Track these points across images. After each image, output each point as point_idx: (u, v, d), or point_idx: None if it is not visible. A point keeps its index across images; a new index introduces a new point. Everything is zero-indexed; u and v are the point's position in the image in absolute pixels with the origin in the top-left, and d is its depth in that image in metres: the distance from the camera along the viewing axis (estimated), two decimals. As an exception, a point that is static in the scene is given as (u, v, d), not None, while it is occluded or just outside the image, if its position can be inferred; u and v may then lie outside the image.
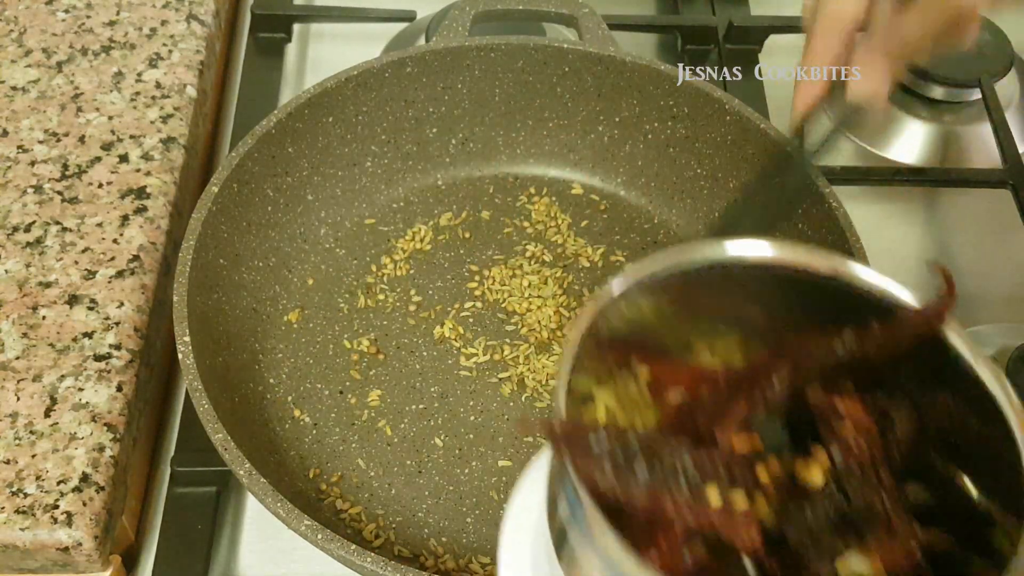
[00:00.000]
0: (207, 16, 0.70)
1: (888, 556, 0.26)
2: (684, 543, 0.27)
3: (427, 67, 0.64)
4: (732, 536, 0.26)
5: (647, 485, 0.27)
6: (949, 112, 0.74)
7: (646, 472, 0.27)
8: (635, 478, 0.27)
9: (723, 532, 0.26)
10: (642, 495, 0.27)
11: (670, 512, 0.27)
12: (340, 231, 0.64)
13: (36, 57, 0.66)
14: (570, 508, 0.28)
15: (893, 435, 0.29)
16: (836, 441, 0.28)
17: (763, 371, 0.29)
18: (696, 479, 0.27)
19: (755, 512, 0.27)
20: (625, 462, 0.27)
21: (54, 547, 0.47)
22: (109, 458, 0.49)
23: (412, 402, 0.57)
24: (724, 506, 0.27)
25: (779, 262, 0.30)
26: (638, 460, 0.27)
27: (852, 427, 0.28)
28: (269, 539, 0.53)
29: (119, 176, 0.60)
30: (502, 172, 0.68)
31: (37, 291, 0.55)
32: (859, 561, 0.26)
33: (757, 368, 0.30)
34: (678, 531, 0.27)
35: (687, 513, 0.27)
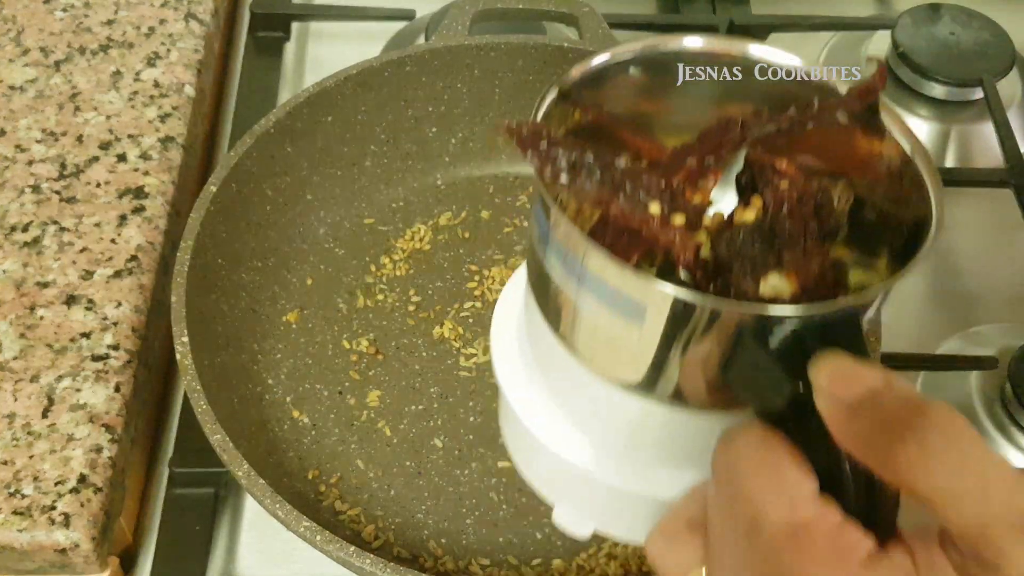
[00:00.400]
0: (205, 15, 0.70)
1: (804, 275, 0.30)
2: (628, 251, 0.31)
3: (427, 66, 0.63)
4: (667, 243, 0.30)
5: (597, 187, 0.31)
6: (951, 111, 0.73)
7: (599, 178, 0.31)
8: (588, 181, 0.31)
9: (660, 238, 0.30)
10: (592, 195, 0.31)
11: (615, 213, 0.31)
12: (339, 231, 0.64)
13: (34, 56, 0.66)
14: (537, 221, 0.32)
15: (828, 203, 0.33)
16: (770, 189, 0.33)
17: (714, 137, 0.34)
18: (643, 195, 0.31)
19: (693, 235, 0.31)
20: (581, 169, 0.31)
21: (52, 548, 0.47)
22: (107, 459, 0.49)
23: (411, 403, 0.57)
24: (663, 216, 0.31)
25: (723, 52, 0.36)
26: (593, 169, 0.31)
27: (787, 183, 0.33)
28: (268, 540, 0.53)
29: (117, 176, 0.60)
30: (502, 171, 0.68)
31: (35, 291, 0.54)
32: (778, 280, 0.30)
33: (708, 135, 0.34)
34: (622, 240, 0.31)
35: (630, 213, 0.31)
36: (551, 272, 0.32)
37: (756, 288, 0.30)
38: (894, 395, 0.25)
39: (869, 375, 0.26)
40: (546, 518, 0.53)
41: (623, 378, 0.32)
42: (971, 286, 0.66)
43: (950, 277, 0.66)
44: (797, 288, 0.30)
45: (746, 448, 0.28)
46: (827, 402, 0.26)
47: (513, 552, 0.51)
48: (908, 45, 0.74)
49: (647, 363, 0.31)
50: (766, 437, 0.28)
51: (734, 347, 0.29)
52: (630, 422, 0.34)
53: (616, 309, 0.30)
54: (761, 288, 0.30)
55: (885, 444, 0.24)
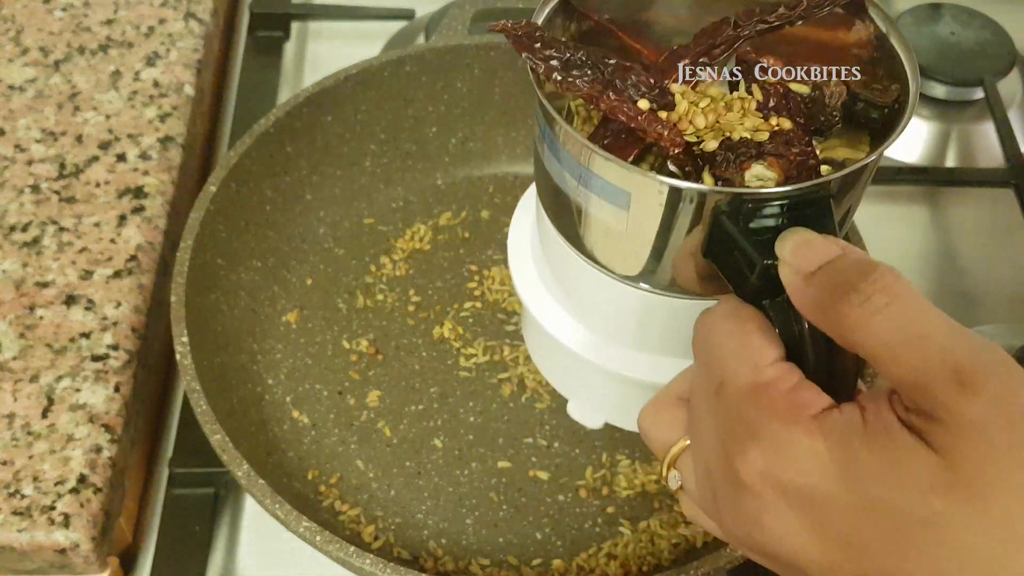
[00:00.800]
0: (205, 14, 0.70)
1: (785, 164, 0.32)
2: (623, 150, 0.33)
3: (426, 66, 0.63)
4: (655, 136, 0.32)
5: (589, 83, 0.32)
6: (952, 111, 0.73)
7: (590, 75, 0.33)
8: (580, 78, 0.33)
9: (649, 129, 0.32)
10: (584, 90, 0.32)
11: (606, 107, 0.32)
12: (339, 231, 0.64)
13: (33, 56, 0.66)
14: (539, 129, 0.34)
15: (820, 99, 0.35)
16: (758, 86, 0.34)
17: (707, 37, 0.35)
18: (633, 92, 0.33)
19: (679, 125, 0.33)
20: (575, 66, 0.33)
21: (51, 549, 0.47)
22: (107, 459, 0.49)
23: (411, 403, 0.57)
24: (652, 110, 0.33)
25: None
26: (585, 67, 0.33)
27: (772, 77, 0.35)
28: (267, 541, 0.53)
29: (116, 175, 0.60)
30: (502, 171, 0.68)
31: (34, 291, 0.54)
32: (762, 168, 0.32)
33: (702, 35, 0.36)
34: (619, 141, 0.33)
35: (620, 109, 0.32)
36: (551, 171, 0.34)
37: (741, 177, 0.31)
38: (847, 261, 0.27)
39: (827, 245, 0.28)
40: (546, 518, 0.52)
41: (623, 271, 0.35)
42: (971, 286, 0.66)
43: (950, 277, 0.66)
44: (780, 176, 0.31)
45: (719, 320, 0.30)
46: (788, 272, 0.28)
47: (513, 552, 0.51)
48: (909, 45, 0.74)
49: (640, 252, 0.34)
50: (737, 309, 0.30)
51: (712, 230, 0.31)
52: (632, 313, 0.37)
53: (608, 200, 0.32)
54: (746, 177, 0.31)
55: (833, 303, 0.26)
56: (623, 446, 0.55)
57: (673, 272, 0.34)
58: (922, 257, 0.67)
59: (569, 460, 0.55)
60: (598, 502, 0.53)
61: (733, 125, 0.33)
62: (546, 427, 0.56)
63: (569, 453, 0.55)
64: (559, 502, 0.53)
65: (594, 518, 0.52)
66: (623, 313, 0.38)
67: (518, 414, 0.56)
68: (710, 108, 0.33)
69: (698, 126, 0.33)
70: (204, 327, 0.52)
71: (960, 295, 0.65)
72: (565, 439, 0.55)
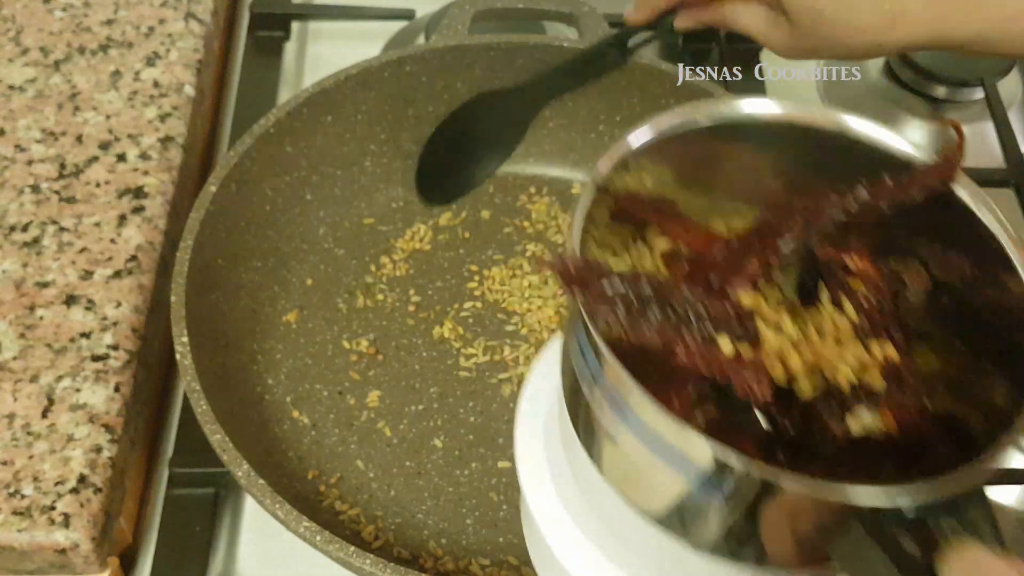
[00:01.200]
0: (205, 15, 0.70)
1: (898, 410, 0.26)
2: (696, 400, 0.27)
3: (426, 66, 0.63)
4: (743, 386, 0.26)
5: (659, 329, 0.26)
6: (951, 111, 0.73)
7: (658, 316, 0.26)
8: (647, 321, 0.26)
9: (735, 381, 0.26)
10: (654, 338, 0.26)
11: (682, 358, 0.26)
12: (339, 231, 0.64)
13: (33, 56, 0.66)
14: (586, 363, 0.27)
15: (904, 297, 0.29)
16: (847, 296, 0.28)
17: (774, 229, 0.29)
18: (708, 328, 0.27)
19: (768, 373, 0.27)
20: (638, 305, 0.26)
21: (51, 549, 0.47)
22: (107, 459, 0.49)
23: (411, 403, 0.57)
24: (736, 354, 0.26)
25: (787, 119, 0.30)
26: (651, 304, 0.27)
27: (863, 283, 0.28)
28: (268, 541, 0.53)
29: (117, 175, 0.60)
30: (502, 172, 0.68)
31: (34, 291, 0.54)
32: (870, 415, 0.26)
33: (768, 226, 0.29)
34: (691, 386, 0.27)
35: (700, 358, 0.26)
36: (591, 402, 0.28)
37: (843, 426, 0.26)
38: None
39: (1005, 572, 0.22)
40: (546, 518, 0.52)
41: (661, 518, 0.28)
42: (971, 286, 0.66)
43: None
44: (893, 425, 0.26)
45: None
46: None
47: (513, 552, 0.51)
48: (908, 45, 0.74)
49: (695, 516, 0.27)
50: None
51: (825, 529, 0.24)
52: (665, 562, 0.30)
53: (661, 457, 0.26)
54: (850, 425, 0.26)
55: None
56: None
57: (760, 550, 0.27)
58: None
59: (569, 460, 0.55)
60: (598, 502, 0.53)
61: (833, 362, 0.27)
62: (546, 427, 0.56)
63: (569, 453, 0.55)
64: (559, 502, 0.53)
65: (594, 518, 0.52)
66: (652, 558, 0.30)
67: (518, 414, 0.56)
68: (801, 339, 0.28)
69: (793, 368, 0.27)
70: (204, 327, 0.52)
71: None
72: (565, 439, 0.55)
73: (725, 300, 0.28)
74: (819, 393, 0.26)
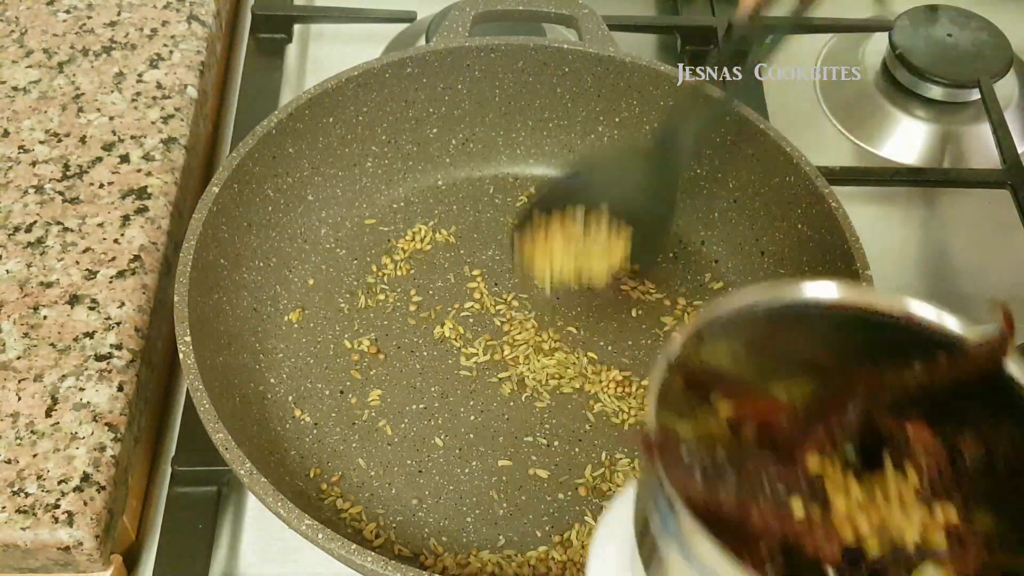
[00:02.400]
0: (208, 17, 0.71)
1: (960, 567, 0.28)
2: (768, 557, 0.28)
3: (427, 68, 0.64)
4: (816, 547, 0.28)
5: (735, 493, 0.28)
6: (948, 112, 0.74)
7: (734, 481, 0.29)
8: (724, 486, 0.28)
9: (807, 542, 0.28)
10: (731, 503, 0.28)
11: (756, 520, 0.28)
12: (340, 231, 0.64)
13: (37, 58, 0.66)
14: (662, 520, 0.29)
15: (962, 463, 0.30)
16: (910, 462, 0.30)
17: (838, 400, 0.31)
18: (780, 491, 0.29)
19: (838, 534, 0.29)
20: (714, 472, 0.29)
21: (55, 547, 0.47)
22: (110, 458, 0.49)
23: (412, 402, 0.57)
24: (808, 516, 0.28)
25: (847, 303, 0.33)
26: (726, 470, 0.29)
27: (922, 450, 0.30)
28: (270, 539, 0.53)
29: (120, 176, 0.60)
30: (502, 172, 0.68)
31: (38, 291, 0.55)
32: (934, 571, 0.28)
33: (832, 398, 0.31)
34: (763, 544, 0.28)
35: (774, 521, 0.28)
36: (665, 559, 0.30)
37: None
38: None
39: None
40: (546, 516, 0.53)
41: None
42: (968, 287, 0.66)
43: (947, 278, 0.67)
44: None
45: None
46: None
47: (513, 549, 0.52)
48: (905, 46, 0.74)
49: None
50: None
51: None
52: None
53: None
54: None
55: None
56: (623, 445, 0.55)
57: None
58: (919, 258, 0.68)
59: (569, 459, 0.55)
60: (598, 500, 0.53)
61: (899, 524, 0.29)
62: (546, 426, 0.56)
63: (569, 452, 0.55)
64: (559, 500, 0.53)
65: (594, 516, 0.53)
66: None
67: (518, 413, 0.57)
68: (866, 501, 0.29)
69: (861, 531, 0.28)
70: (207, 327, 0.53)
71: (956, 296, 0.65)
72: (565, 438, 0.56)
73: (794, 465, 0.30)
74: (886, 553, 0.28)
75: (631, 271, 0.61)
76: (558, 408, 0.57)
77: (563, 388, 0.58)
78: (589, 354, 0.59)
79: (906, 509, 0.29)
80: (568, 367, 0.58)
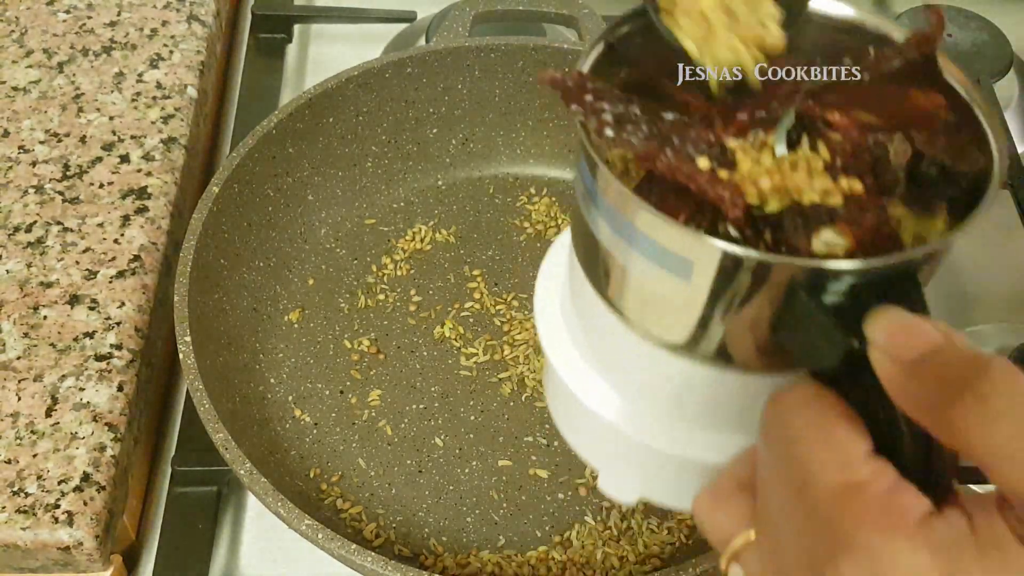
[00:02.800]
0: (208, 17, 0.71)
1: (856, 227, 0.28)
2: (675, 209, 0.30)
3: (427, 68, 0.64)
4: (715, 198, 0.29)
5: (644, 140, 0.29)
6: (948, 112, 0.74)
7: (646, 131, 0.30)
8: (635, 134, 0.30)
9: (708, 193, 0.29)
10: (640, 148, 0.29)
11: (662, 168, 0.29)
12: (340, 231, 0.64)
13: (37, 58, 0.66)
14: (583, 181, 0.31)
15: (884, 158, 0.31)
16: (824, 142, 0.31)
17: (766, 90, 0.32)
18: (691, 149, 0.30)
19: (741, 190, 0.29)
20: (629, 120, 0.30)
21: (55, 546, 0.47)
22: (110, 458, 0.49)
23: (412, 402, 0.57)
24: (712, 170, 0.29)
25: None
26: (639, 120, 0.30)
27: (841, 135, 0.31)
28: (270, 539, 0.53)
29: (120, 176, 0.60)
30: (502, 172, 0.68)
31: (38, 291, 0.55)
32: (832, 234, 0.28)
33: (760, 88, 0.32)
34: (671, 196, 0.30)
35: (678, 169, 0.29)
36: (596, 231, 0.31)
37: (808, 244, 0.28)
38: (955, 353, 0.24)
39: (929, 330, 0.25)
40: (546, 516, 0.53)
41: (669, 339, 0.32)
42: (969, 286, 0.66)
43: (947, 277, 0.67)
44: (852, 243, 0.28)
45: (796, 407, 0.27)
46: (884, 359, 0.25)
47: (513, 549, 0.52)
48: (906, 46, 0.74)
49: (694, 322, 0.30)
50: (817, 395, 0.27)
51: (786, 305, 0.28)
52: (676, 384, 0.33)
53: (663, 267, 0.29)
54: (814, 243, 0.28)
55: (944, 403, 0.23)
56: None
57: (729, 346, 0.31)
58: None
59: (569, 458, 0.55)
60: (598, 500, 0.53)
61: (800, 187, 0.30)
62: (546, 426, 0.56)
63: (569, 452, 0.55)
64: (559, 500, 0.53)
65: (594, 516, 0.53)
66: (662, 383, 0.34)
67: (518, 413, 0.57)
68: (774, 168, 0.30)
69: (763, 188, 0.29)
70: (207, 326, 0.53)
71: (957, 295, 0.65)
72: (565, 438, 0.56)
73: (709, 131, 0.31)
74: (786, 211, 0.29)
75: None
76: (558, 408, 0.57)
77: (563, 388, 0.58)
78: (589, 354, 0.59)
79: (812, 178, 0.30)
80: (568, 367, 0.58)
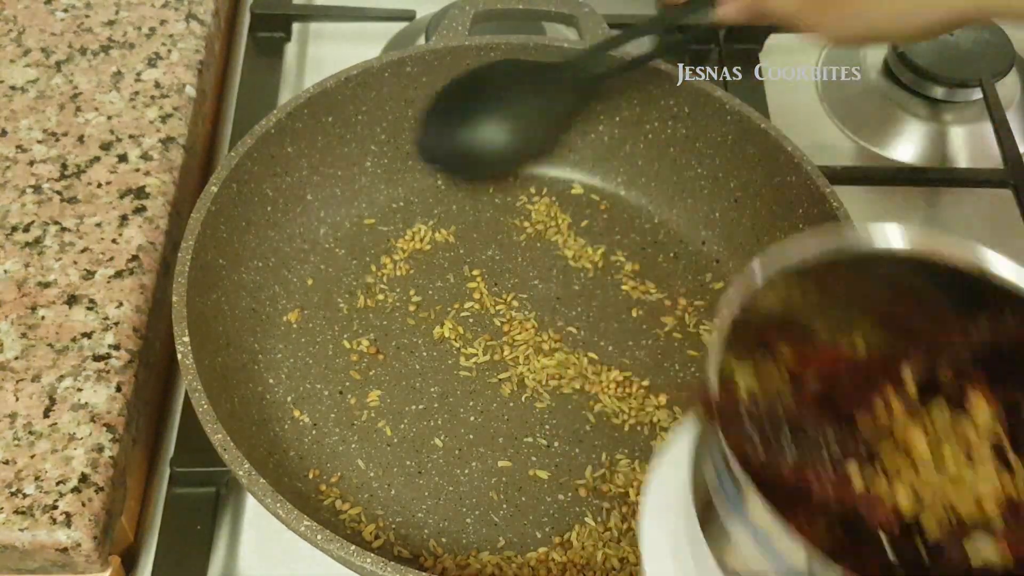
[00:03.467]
0: (206, 15, 0.70)
1: (1015, 540, 0.27)
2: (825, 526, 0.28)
3: (427, 67, 0.63)
4: (872, 516, 0.27)
5: (794, 459, 0.28)
6: (950, 112, 0.74)
7: (793, 446, 0.28)
8: (783, 451, 0.28)
9: (864, 511, 0.27)
10: (789, 468, 0.28)
11: (814, 487, 0.28)
12: (340, 231, 0.64)
13: (35, 57, 0.66)
14: (719, 479, 0.28)
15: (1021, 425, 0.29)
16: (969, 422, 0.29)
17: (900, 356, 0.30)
18: (838, 455, 0.28)
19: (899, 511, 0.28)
20: (773, 435, 0.28)
21: (53, 548, 0.47)
22: (108, 458, 0.49)
23: (412, 402, 0.57)
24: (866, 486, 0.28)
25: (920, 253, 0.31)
26: (784, 433, 0.28)
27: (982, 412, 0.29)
28: (268, 540, 0.53)
29: (118, 176, 0.60)
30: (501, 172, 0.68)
31: (36, 291, 0.55)
32: (987, 543, 0.27)
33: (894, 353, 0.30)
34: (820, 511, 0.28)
35: (831, 489, 0.28)
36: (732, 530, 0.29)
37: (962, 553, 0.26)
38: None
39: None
40: (546, 517, 0.53)
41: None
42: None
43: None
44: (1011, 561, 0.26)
45: None
46: None
47: (513, 550, 0.52)
48: (907, 46, 0.74)
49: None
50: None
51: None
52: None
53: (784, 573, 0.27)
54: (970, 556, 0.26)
55: None
56: (623, 446, 0.55)
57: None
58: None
59: (569, 459, 0.55)
60: (598, 501, 0.53)
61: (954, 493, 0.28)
62: (546, 427, 0.56)
63: (569, 452, 0.55)
64: (559, 501, 0.53)
65: (594, 517, 0.53)
66: None
67: (518, 413, 0.56)
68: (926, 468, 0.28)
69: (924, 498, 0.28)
70: (205, 327, 0.53)
71: None
72: (565, 438, 0.55)
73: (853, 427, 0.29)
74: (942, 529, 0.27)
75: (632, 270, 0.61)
76: (558, 409, 0.57)
77: (563, 388, 0.57)
78: (589, 354, 0.59)
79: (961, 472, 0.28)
80: (568, 367, 0.58)
